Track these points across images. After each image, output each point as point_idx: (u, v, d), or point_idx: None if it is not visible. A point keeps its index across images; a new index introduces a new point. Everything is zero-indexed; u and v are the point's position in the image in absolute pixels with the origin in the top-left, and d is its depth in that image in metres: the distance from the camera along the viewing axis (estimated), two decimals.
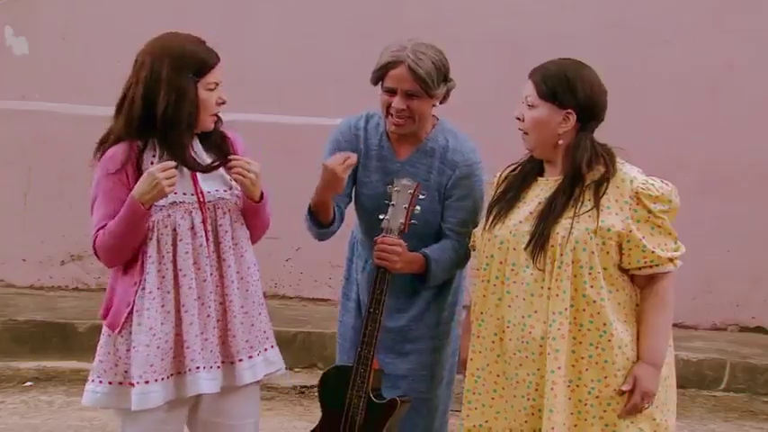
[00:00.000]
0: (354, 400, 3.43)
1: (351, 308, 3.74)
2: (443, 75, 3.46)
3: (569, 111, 3.19)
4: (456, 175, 3.52)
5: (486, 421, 3.28)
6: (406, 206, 3.38)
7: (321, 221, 3.55)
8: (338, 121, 3.73)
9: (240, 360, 3.25)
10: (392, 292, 3.52)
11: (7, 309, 6.68)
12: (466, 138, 3.59)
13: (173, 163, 3.12)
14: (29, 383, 5.97)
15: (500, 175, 3.40)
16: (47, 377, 6.06)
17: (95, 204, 3.22)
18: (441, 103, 3.56)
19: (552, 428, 3.10)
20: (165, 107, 3.12)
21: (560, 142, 3.20)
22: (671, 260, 3.17)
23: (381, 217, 3.42)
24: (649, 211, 3.14)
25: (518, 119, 3.23)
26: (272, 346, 3.34)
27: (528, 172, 3.30)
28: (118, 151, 3.18)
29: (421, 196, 3.40)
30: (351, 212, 3.74)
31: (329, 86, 7.00)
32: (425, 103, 3.46)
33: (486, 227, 3.29)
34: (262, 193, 3.26)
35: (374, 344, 3.41)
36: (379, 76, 3.46)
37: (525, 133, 3.23)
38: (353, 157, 3.43)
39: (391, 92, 3.45)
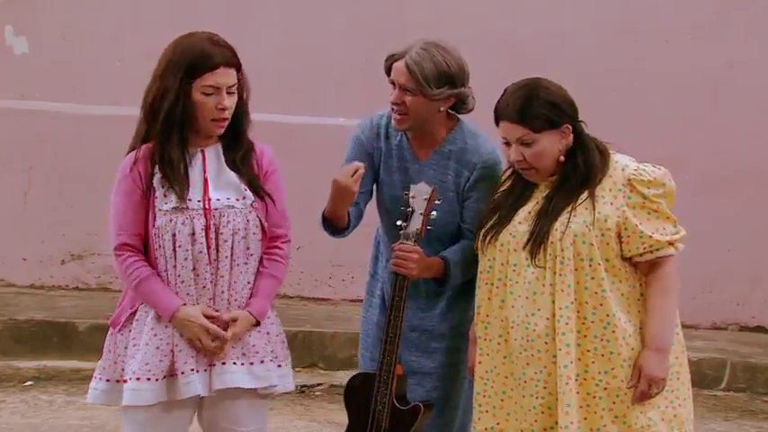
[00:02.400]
0: (379, 407, 3.43)
1: (375, 304, 3.73)
2: (447, 78, 3.40)
3: (565, 126, 3.21)
4: (474, 176, 3.50)
5: (498, 423, 3.28)
6: (422, 212, 3.36)
7: (335, 227, 3.54)
8: (339, 121, 3.73)
9: (213, 365, 3.20)
10: (417, 291, 3.53)
11: (7, 308, 6.67)
12: (485, 138, 3.55)
13: (224, 334, 3.15)
14: (29, 383, 5.97)
15: (501, 180, 3.41)
16: (47, 376, 6.05)
17: (113, 206, 3.22)
18: (458, 110, 3.54)
19: (571, 423, 3.11)
20: (150, 102, 3.13)
21: (562, 158, 3.22)
22: (671, 243, 3.17)
23: (398, 223, 3.41)
24: (644, 197, 3.15)
25: (518, 161, 3.21)
26: (262, 362, 3.26)
27: (525, 183, 3.30)
28: (132, 153, 3.20)
29: (437, 201, 3.38)
30: (373, 210, 3.72)
31: (330, 86, 7.00)
32: (420, 102, 3.42)
33: (487, 232, 3.29)
34: (256, 316, 3.24)
35: (396, 351, 3.41)
36: (387, 68, 3.48)
37: (529, 169, 3.22)
38: (362, 168, 3.40)
39: (393, 83, 3.46)
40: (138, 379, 3.12)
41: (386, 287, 3.65)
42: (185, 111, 3.13)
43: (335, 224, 3.52)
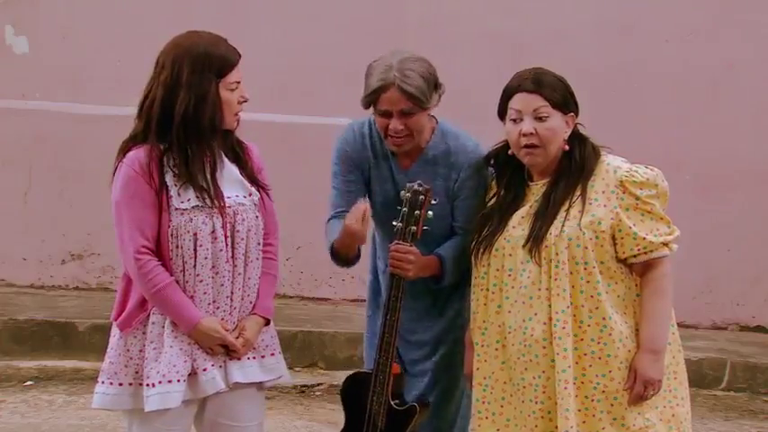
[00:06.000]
0: (375, 406, 3.43)
1: (382, 303, 3.71)
2: (434, 84, 3.41)
3: (571, 114, 3.22)
4: (462, 177, 3.50)
5: (498, 430, 3.28)
6: (419, 212, 3.34)
7: (347, 258, 3.54)
8: (339, 121, 3.72)
9: (231, 359, 3.23)
10: (413, 293, 3.52)
11: (8, 308, 6.68)
12: (467, 137, 3.56)
13: (239, 347, 3.19)
14: (29, 383, 5.98)
15: (490, 186, 3.41)
16: (47, 376, 6.06)
17: (122, 207, 3.15)
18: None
19: (571, 427, 3.10)
20: (184, 110, 3.10)
21: (566, 147, 3.22)
22: (665, 244, 3.17)
23: (394, 223, 3.39)
24: (637, 198, 3.15)
25: (529, 134, 3.17)
26: (272, 354, 3.32)
27: (517, 189, 3.29)
28: (141, 153, 3.14)
29: (433, 201, 3.37)
30: None
31: (329, 85, 7.00)
32: (422, 117, 3.42)
33: (481, 242, 3.29)
34: (268, 317, 3.30)
35: (392, 351, 3.40)
36: (371, 100, 3.41)
37: (536, 147, 3.19)
38: (369, 209, 3.37)
39: (386, 114, 3.40)
40: (169, 381, 3.12)
41: (385, 289, 3.65)
42: (221, 111, 3.16)
43: (347, 257, 3.52)
